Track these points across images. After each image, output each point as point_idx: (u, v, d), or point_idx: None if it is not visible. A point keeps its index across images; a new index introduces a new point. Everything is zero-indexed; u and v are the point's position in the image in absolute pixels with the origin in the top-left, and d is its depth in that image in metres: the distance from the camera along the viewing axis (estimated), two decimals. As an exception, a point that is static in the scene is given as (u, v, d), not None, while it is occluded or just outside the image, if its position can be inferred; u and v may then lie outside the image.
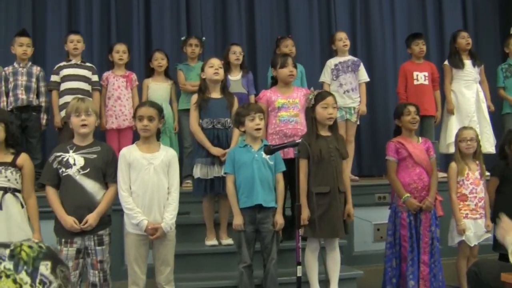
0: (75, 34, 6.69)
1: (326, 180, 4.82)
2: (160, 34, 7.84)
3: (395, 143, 5.40)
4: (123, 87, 6.69)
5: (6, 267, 1.65)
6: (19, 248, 1.68)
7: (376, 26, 8.53)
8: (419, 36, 7.36)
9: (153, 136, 4.67)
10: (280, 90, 5.54)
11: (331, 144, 4.93)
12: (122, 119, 6.60)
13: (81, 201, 4.37)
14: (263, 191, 4.72)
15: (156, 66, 6.90)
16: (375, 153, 8.03)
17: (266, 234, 4.75)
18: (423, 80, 7.13)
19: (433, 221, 5.33)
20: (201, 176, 5.28)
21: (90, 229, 4.36)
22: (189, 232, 5.67)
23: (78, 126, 4.48)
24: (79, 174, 4.39)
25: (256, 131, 4.82)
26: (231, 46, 6.81)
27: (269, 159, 4.78)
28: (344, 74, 6.92)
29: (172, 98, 6.94)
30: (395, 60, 8.30)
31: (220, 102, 5.45)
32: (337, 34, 7.19)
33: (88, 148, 4.51)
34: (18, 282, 1.64)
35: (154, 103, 4.82)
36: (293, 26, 8.26)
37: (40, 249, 1.70)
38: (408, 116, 5.40)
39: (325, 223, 4.71)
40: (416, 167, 5.34)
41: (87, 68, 6.62)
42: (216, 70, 5.42)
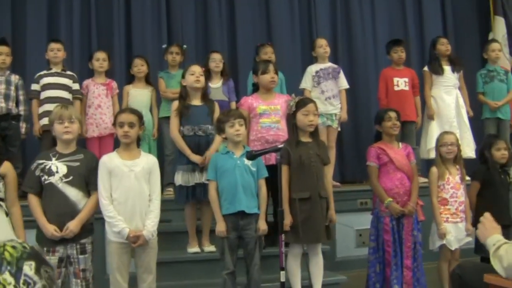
0: (56, 42, 6.67)
1: (307, 185, 4.83)
2: (141, 42, 7.85)
3: (376, 149, 5.44)
4: (104, 95, 6.69)
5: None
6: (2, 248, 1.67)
7: (357, 32, 8.60)
8: (398, 43, 7.42)
9: (133, 142, 4.65)
10: (262, 96, 5.55)
11: (312, 150, 4.94)
12: (103, 127, 6.59)
13: (63, 209, 4.33)
14: (246, 198, 4.72)
15: (136, 72, 6.92)
16: (357, 159, 8.04)
17: (249, 240, 4.76)
18: (404, 86, 7.19)
19: (415, 225, 5.37)
20: (182, 183, 5.28)
21: (72, 237, 4.32)
22: (172, 240, 5.65)
23: (61, 133, 4.46)
24: (61, 182, 4.36)
25: (236, 137, 4.82)
26: (211, 54, 6.84)
27: (251, 166, 4.79)
28: (325, 81, 6.97)
29: (152, 105, 6.95)
30: (376, 66, 8.36)
31: (201, 109, 5.45)
32: (317, 41, 7.24)
33: (71, 156, 4.48)
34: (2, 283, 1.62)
35: (134, 110, 4.81)
36: (274, 33, 8.31)
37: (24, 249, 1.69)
38: (389, 121, 5.44)
39: (307, 229, 4.72)
40: (397, 172, 5.38)
41: (68, 76, 6.60)
42: (197, 78, 5.42)
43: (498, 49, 7.57)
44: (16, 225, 4.40)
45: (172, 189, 6.17)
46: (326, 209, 4.98)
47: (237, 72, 7.92)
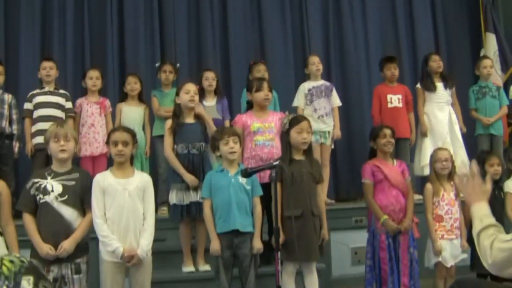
0: (48, 61, 6.67)
1: (298, 203, 4.80)
2: (134, 60, 7.87)
3: (370, 166, 5.43)
4: (97, 114, 6.68)
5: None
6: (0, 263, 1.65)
7: (350, 49, 8.63)
8: (391, 60, 7.45)
9: (127, 161, 4.64)
10: (256, 114, 5.54)
11: (304, 168, 4.93)
12: (95, 146, 6.57)
13: (58, 228, 4.30)
14: (240, 216, 4.70)
15: (129, 90, 6.91)
16: (351, 176, 8.05)
17: (244, 259, 4.73)
18: (397, 103, 7.21)
19: (411, 242, 5.35)
20: (176, 201, 5.27)
21: (66, 256, 4.29)
22: (166, 259, 5.61)
23: (57, 152, 4.43)
24: (57, 201, 4.33)
25: (231, 154, 4.81)
26: (204, 72, 6.89)
27: (246, 184, 4.78)
28: (318, 99, 6.99)
29: (145, 122, 6.94)
30: (369, 83, 8.37)
31: (195, 127, 5.45)
32: (310, 58, 7.26)
33: (67, 175, 4.46)
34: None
35: (128, 128, 4.79)
36: (267, 51, 8.33)
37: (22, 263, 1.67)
38: (383, 138, 5.43)
39: (298, 247, 4.62)
40: (393, 189, 5.36)
41: (61, 95, 6.59)
42: (191, 97, 5.42)
43: (489, 66, 7.60)
44: (11, 244, 4.36)
45: (166, 208, 6.15)
46: (319, 227, 4.96)
47: (230, 90, 7.94)
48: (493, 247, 2.82)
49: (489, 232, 2.87)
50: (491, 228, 2.89)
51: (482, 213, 2.96)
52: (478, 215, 2.97)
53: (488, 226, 2.90)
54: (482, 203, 3.00)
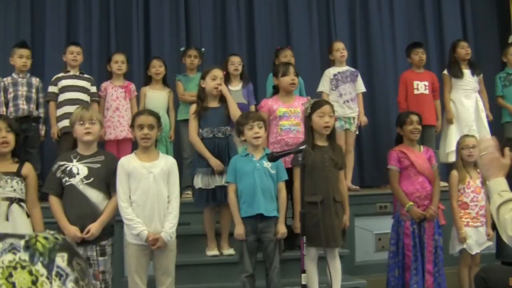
0: (76, 45, 6.69)
1: (319, 189, 4.76)
2: (159, 44, 7.85)
3: (397, 152, 5.41)
4: (122, 98, 6.69)
5: (22, 258, 1.63)
6: (35, 239, 1.65)
7: (376, 36, 8.55)
8: (419, 45, 7.38)
9: (152, 144, 4.65)
10: (282, 99, 5.53)
11: (326, 154, 4.89)
12: (119, 130, 6.56)
13: (84, 211, 4.34)
14: (265, 200, 4.70)
15: (153, 74, 6.90)
16: (376, 163, 8.02)
17: (268, 244, 4.73)
18: (424, 90, 7.14)
19: (436, 229, 5.34)
20: (202, 186, 5.26)
21: (92, 239, 4.33)
22: (190, 243, 5.63)
23: (82, 134, 4.46)
24: (82, 184, 4.37)
25: (255, 140, 4.80)
26: (229, 57, 6.88)
27: (271, 168, 4.77)
28: (343, 84, 6.96)
29: (169, 107, 6.93)
30: (395, 70, 8.31)
31: (219, 111, 5.43)
32: (334, 44, 7.21)
33: (92, 158, 4.49)
34: (34, 274, 1.61)
35: (153, 112, 4.79)
36: (293, 36, 8.28)
37: (56, 240, 1.67)
38: (410, 125, 5.41)
39: (318, 232, 4.58)
40: (419, 176, 5.35)
41: (86, 79, 6.62)
42: (217, 85, 5.39)
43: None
44: (37, 227, 4.43)
45: (190, 192, 6.16)
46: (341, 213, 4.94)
47: (256, 75, 7.91)
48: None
49: (510, 207, 2.76)
50: (511, 202, 2.78)
51: (501, 188, 2.84)
52: (496, 190, 2.85)
53: (508, 200, 2.78)
54: (500, 178, 2.88)
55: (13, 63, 6.46)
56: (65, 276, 1.63)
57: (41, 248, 1.64)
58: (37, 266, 1.62)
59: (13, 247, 1.65)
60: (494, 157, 2.88)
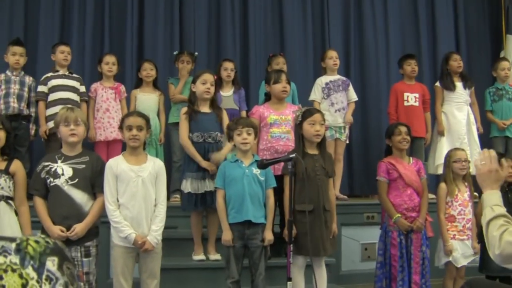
0: (66, 45, 6.68)
1: (310, 198, 4.75)
2: (152, 47, 7.85)
3: (386, 164, 5.42)
4: (112, 99, 6.67)
5: (12, 261, 1.62)
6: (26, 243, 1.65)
7: (370, 45, 8.59)
8: (412, 56, 7.40)
9: (140, 146, 4.64)
10: (273, 106, 5.54)
11: (318, 162, 4.89)
12: (109, 131, 6.54)
13: (69, 212, 4.32)
14: (253, 207, 4.69)
15: (144, 76, 6.88)
16: (366, 172, 8.04)
17: (255, 250, 4.73)
18: (414, 102, 7.17)
19: (424, 241, 5.35)
20: (191, 190, 5.25)
21: (77, 239, 4.31)
22: (177, 247, 5.64)
23: (67, 135, 4.45)
24: (67, 185, 4.35)
25: (243, 145, 4.80)
26: (223, 62, 6.85)
27: (260, 175, 4.77)
28: (335, 93, 6.96)
29: (160, 109, 6.92)
30: (388, 80, 8.34)
31: (210, 117, 5.43)
32: (328, 52, 7.22)
33: (77, 158, 4.47)
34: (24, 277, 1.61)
35: (142, 113, 4.77)
36: (287, 43, 8.31)
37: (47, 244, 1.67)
38: (398, 136, 5.42)
39: (308, 241, 4.60)
40: (407, 188, 5.35)
41: (75, 79, 6.60)
42: (207, 89, 5.39)
43: (507, 68, 7.53)
44: (24, 225, 4.41)
45: (178, 196, 6.15)
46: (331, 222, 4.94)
47: (248, 81, 7.94)
48: (502, 238, 2.73)
49: (499, 222, 2.79)
50: (501, 218, 2.81)
51: (494, 202, 2.88)
52: (489, 204, 2.88)
53: (499, 216, 2.82)
54: (495, 191, 2.91)
55: (6, 60, 6.45)
56: (55, 280, 1.63)
57: (32, 252, 1.64)
58: (28, 269, 1.62)
59: (4, 249, 1.64)
60: (493, 167, 2.90)
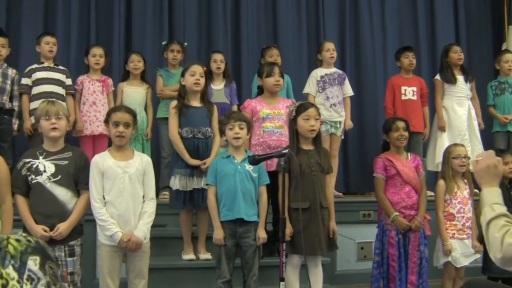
0: (52, 36, 6.62)
1: (306, 195, 4.77)
2: (141, 38, 7.82)
3: (383, 160, 5.40)
4: (99, 92, 6.63)
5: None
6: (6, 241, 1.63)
7: (366, 38, 8.57)
8: (409, 49, 7.38)
9: (127, 143, 4.62)
10: (266, 100, 5.53)
11: (313, 158, 4.90)
12: (96, 125, 6.51)
13: (52, 210, 4.29)
14: (245, 205, 4.67)
15: (131, 69, 6.84)
16: (362, 169, 8.04)
17: (247, 249, 4.71)
18: (411, 95, 7.16)
19: (422, 240, 5.33)
20: (180, 187, 5.24)
21: (61, 239, 4.28)
22: (166, 246, 5.62)
23: (48, 130, 4.41)
24: (49, 182, 4.32)
25: (235, 140, 4.78)
26: (212, 54, 6.85)
27: (253, 172, 4.75)
28: (330, 87, 6.93)
29: (147, 103, 6.88)
30: (385, 74, 8.33)
31: (200, 111, 5.42)
32: (325, 44, 7.17)
33: (59, 154, 4.44)
34: (4, 277, 1.58)
35: (129, 109, 4.75)
36: (280, 35, 8.28)
37: (28, 243, 1.65)
38: (396, 132, 5.40)
39: (304, 240, 4.60)
40: (405, 186, 5.33)
41: (61, 71, 6.55)
42: (197, 80, 5.38)
43: (511, 60, 7.50)
44: (5, 223, 4.29)
45: (167, 193, 6.14)
46: (328, 219, 4.93)
47: (240, 74, 7.91)
48: (504, 241, 2.65)
49: (501, 223, 2.71)
50: (502, 218, 2.73)
51: (494, 200, 2.81)
52: (489, 202, 2.81)
53: (499, 215, 2.74)
54: (494, 188, 2.84)
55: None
56: (36, 280, 1.61)
57: (12, 251, 1.62)
58: (8, 269, 1.60)
59: (-17, 249, 1.62)
60: (491, 163, 2.85)
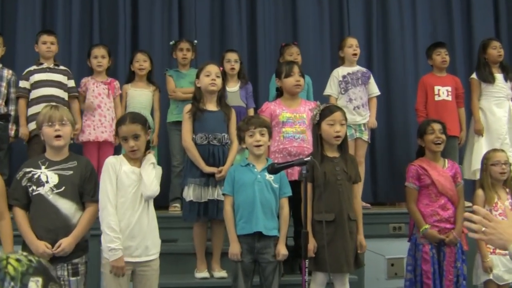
0: (49, 34, 6.62)
1: (331, 206, 4.74)
2: (148, 37, 7.85)
3: (416, 168, 5.34)
4: (105, 95, 6.64)
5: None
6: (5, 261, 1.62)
7: (395, 33, 8.52)
8: (442, 45, 7.34)
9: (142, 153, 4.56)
10: (286, 102, 5.51)
11: (338, 166, 4.87)
12: (100, 131, 6.51)
13: (55, 224, 4.26)
14: (265, 217, 4.67)
15: (136, 69, 6.85)
16: (392, 177, 7.99)
17: (266, 266, 4.70)
18: (446, 96, 7.10)
19: (459, 256, 5.26)
20: (194, 198, 5.23)
21: (64, 256, 4.26)
22: (177, 262, 5.61)
23: (51, 138, 4.37)
24: (52, 193, 4.29)
25: (256, 148, 4.78)
26: (225, 53, 6.86)
27: (273, 182, 4.75)
28: (353, 88, 6.91)
29: (154, 107, 6.88)
30: (416, 72, 8.25)
31: (217, 116, 5.42)
32: (347, 40, 7.16)
33: (63, 164, 4.41)
34: None
35: (135, 117, 4.65)
36: (300, 32, 8.26)
37: (30, 263, 1.65)
38: (431, 134, 5.34)
39: (329, 256, 4.53)
40: (440, 197, 5.27)
41: (62, 72, 6.56)
42: (213, 80, 5.38)
43: (556, 57, 7.43)
44: (4, 240, 4.31)
45: (178, 205, 6.13)
46: (355, 233, 4.90)
47: (257, 75, 7.91)
48: None
49: None
50: None
51: None
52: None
53: None
54: None
55: (-19, 52, 6.42)
56: None
57: (12, 272, 1.61)
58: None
59: (-19, 270, 1.61)
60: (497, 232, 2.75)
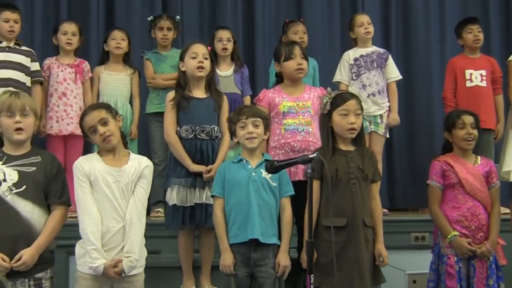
0: (13, 11, 6.59)
1: (342, 210, 4.71)
2: (125, 12, 7.89)
3: (441, 164, 5.31)
4: (71, 80, 6.64)
5: None
6: None
7: (417, 8, 8.55)
8: (474, 21, 7.31)
9: (119, 142, 4.60)
10: (287, 90, 5.50)
11: (353, 162, 4.83)
12: (66, 123, 6.51)
13: (13, 231, 4.24)
14: (262, 222, 4.65)
15: (112, 48, 6.84)
16: (413, 178, 8.02)
17: (264, 281, 4.67)
18: (479, 81, 7.10)
19: (493, 271, 5.20)
20: (178, 202, 5.23)
21: (25, 270, 4.22)
22: (160, 277, 5.63)
23: (10, 131, 4.38)
24: (11, 194, 4.28)
25: (248, 141, 4.79)
26: (216, 31, 6.88)
27: (271, 180, 4.74)
28: (367, 72, 6.91)
29: (133, 93, 6.88)
30: (442, 53, 8.31)
31: (205, 104, 5.41)
32: (356, 18, 7.15)
33: (24, 159, 4.41)
34: None
35: (96, 104, 4.80)
36: (305, 7, 8.31)
37: None
38: (462, 130, 5.30)
39: (339, 268, 4.47)
40: (469, 199, 5.22)
41: (23, 53, 6.53)
42: (200, 63, 5.37)
43: None
44: None
45: (162, 210, 6.13)
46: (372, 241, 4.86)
47: (254, 57, 7.95)
48: None
49: None
50: None
51: None
52: None
53: None
54: None
55: None
56: None
57: None
58: None
59: None
60: None
